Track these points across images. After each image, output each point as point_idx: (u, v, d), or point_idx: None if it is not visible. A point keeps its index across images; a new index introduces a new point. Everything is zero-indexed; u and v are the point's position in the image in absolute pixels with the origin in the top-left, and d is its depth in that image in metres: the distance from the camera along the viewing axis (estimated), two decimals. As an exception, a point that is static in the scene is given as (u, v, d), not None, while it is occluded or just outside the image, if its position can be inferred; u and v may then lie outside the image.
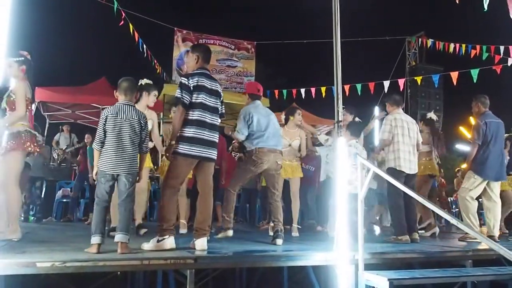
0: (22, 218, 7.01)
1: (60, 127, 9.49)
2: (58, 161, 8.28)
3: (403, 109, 5.15)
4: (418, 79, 11.63)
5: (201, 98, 3.47)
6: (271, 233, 5.06)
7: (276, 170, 4.24)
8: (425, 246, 4.29)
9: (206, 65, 3.69)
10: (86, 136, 7.42)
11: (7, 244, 3.46)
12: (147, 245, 3.29)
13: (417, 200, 3.24)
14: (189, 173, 3.62)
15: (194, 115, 3.45)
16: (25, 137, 3.75)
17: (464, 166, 6.10)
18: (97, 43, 16.09)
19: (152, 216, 7.85)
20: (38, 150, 3.88)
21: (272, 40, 12.90)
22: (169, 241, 3.29)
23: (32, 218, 6.80)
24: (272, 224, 5.16)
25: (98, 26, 13.72)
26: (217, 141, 3.62)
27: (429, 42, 12.62)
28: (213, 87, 3.61)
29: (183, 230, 5.04)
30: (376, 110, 10.04)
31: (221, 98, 3.72)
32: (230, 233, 4.02)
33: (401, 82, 9.69)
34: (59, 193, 7.75)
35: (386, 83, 9.39)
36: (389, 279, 2.85)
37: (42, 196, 7.09)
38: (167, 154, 3.47)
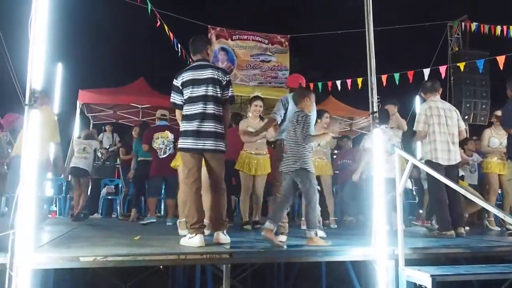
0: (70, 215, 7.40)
1: (103, 127, 9.87)
2: (102, 160, 8.62)
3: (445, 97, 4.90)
4: (461, 65, 10.99)
5: (189, 92, 3.49)
6: (303, 227, 5.04)
7: None
8: (472, 241, 4.09)
9: (199, 56, 3.64)
10: (134, 128, 7.57)
11: (56, 239, 3.65)
12: (182, 240, 3.40)
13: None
14: (196, 166, 3.48)
15: (187, 109, 3.50)
16: None
17: None
18: (133, 44, 16.46)
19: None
20: None
21: (306, 33, 12.64)
22: (196, 240, 3.26)
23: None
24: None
25: (134, 27, 14.04)
26: (220, 131, 3.49)
27: (473, 26, 11.98)
28: (203, 76, 3.48)
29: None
30: (417, 100, 9.67)
31: (223, 83, 3.53)
32: (283, 238, 3.72)
33: (442, 69, 9.20)
34: (104, 191, 8.07)
35: (426, 71, 8.93)
36: (431, 275, 2.75)
37: (88, 193, 7.40)
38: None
